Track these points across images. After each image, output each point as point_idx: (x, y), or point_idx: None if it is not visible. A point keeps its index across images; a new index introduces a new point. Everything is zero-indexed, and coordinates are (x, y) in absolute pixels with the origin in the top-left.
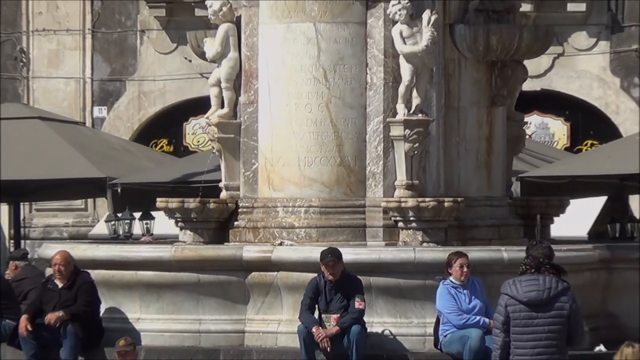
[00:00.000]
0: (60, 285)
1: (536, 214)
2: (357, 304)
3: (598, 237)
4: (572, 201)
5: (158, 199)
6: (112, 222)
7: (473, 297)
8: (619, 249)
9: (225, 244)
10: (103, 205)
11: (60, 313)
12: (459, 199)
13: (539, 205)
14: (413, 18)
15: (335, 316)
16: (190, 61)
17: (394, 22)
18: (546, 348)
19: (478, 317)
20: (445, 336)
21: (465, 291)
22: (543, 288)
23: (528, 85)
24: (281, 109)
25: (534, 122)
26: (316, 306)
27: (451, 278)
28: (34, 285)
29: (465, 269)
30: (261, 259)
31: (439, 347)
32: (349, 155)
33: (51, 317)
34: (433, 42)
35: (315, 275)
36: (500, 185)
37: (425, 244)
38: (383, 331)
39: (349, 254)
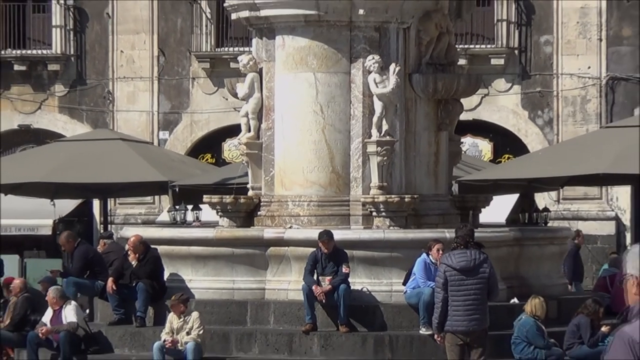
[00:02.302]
0: (131, 259)
1: (469, 207)
2: (344, 269)
3: (512, 223)
4: (494, 197)
5: (204, 196)
6: (172, 212)
7: None
8: (527, 231)
9: (252, 227)
10: (166, 200)
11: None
12: (415, 196)
13: (471, 200)
14: (383, 69)
15: (328, 278)
16: (227, 99)
17: (370, 72)
18: (473, 301)
19: None
20: (407, 291)
21: (435, 267)
22: (470, 259)
23: (463, 116)
24: (290, 133)
25: (467, 142)
26: (315, 271)
27: (431, 257)
28: (117, 257)
29: (440, 252)
30: (277, 238)
31: (404, 294)
32: (338, 165)
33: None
34: (397, 86)
35: (315, 249)
36: (444, 186)
37: (391, 228)
38: (362, 288)
39: (338, 234)
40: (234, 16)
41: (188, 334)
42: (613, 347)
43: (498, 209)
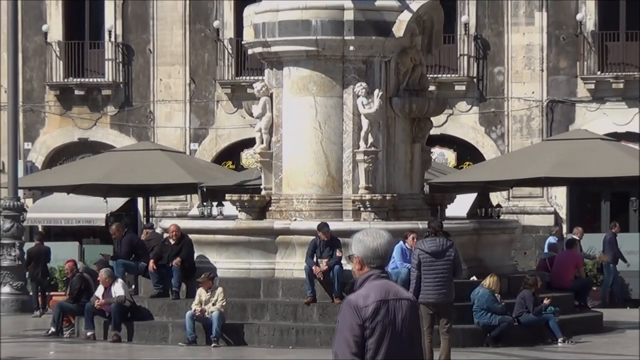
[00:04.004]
0: (172, 242)
1: (438, 203)
2: (338, 253)
3: (472, 216)
4: (457, 196)
5: (226, 195)
6: (201, 208)
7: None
8: (483, 223)
9: (264, 220)
10: (195, 198)
11: (177, 259)
12: (394, 195)
13: (439, 198)
14: (369, 94)
15: (325, 260)
16: (244, 118)
17: (358, 96)
18: (441, 279)
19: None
20: (388, 271)
21: (410, 252)
22: (439, 244)
23: (433, 131)
24: (295, 145)
25: (436, 152)
26: (314, 254)
27: (406, 244)
28: (157, 243)
29: (414, 240)
30: (284, 228)
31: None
32: (333, 170)
33: (176, 262)
34: (380, 107)
35: (314, 237)
36: (418, 187)
37: (375, 220)
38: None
39: (333, 225)
40: (250, 51)
41: (214, 304)
42: (342, 313)
43: (460, 205)
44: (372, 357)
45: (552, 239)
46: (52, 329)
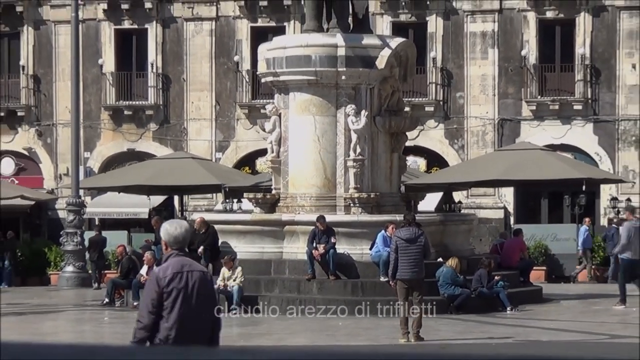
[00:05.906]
0: (201, 232)
1: (411, 200)
2: (332, 240)
3: (439, 211)
4: (427, 194)
5: (244, 193)
6: (224, 204)
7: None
8: (448, 216)
9: (274, 213)
10: (219, 196)
11: (201, 248)
12: (377, 194)
13: (412, 196)
14: (357, 113)
15: (322, 245)
16: (259, 132)
17: (348, 115)
18: (414, 260)
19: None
20: (372, 254)
21: (389, 239)
22: (413, 233)
23: (408, 143)
24: (298, 154)
25: (410, 159)
26: (314, 241)
27: (387, 232)
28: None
29: (393, 229)
30: (290, 220)
31: (370, 256)
32: (329, 174)
33: (200, 251)
34: (366, 124)
35: (314, 227)
36: (396, 187)
37: (362, 214)
38: (344, 252)
39: (329, 218)
40: (263, 80)
41: (234, 280)
42: (148, 281)
43: (429, 202)
44: (168, 314)
45: (584, 229)
46: (106, 300)
